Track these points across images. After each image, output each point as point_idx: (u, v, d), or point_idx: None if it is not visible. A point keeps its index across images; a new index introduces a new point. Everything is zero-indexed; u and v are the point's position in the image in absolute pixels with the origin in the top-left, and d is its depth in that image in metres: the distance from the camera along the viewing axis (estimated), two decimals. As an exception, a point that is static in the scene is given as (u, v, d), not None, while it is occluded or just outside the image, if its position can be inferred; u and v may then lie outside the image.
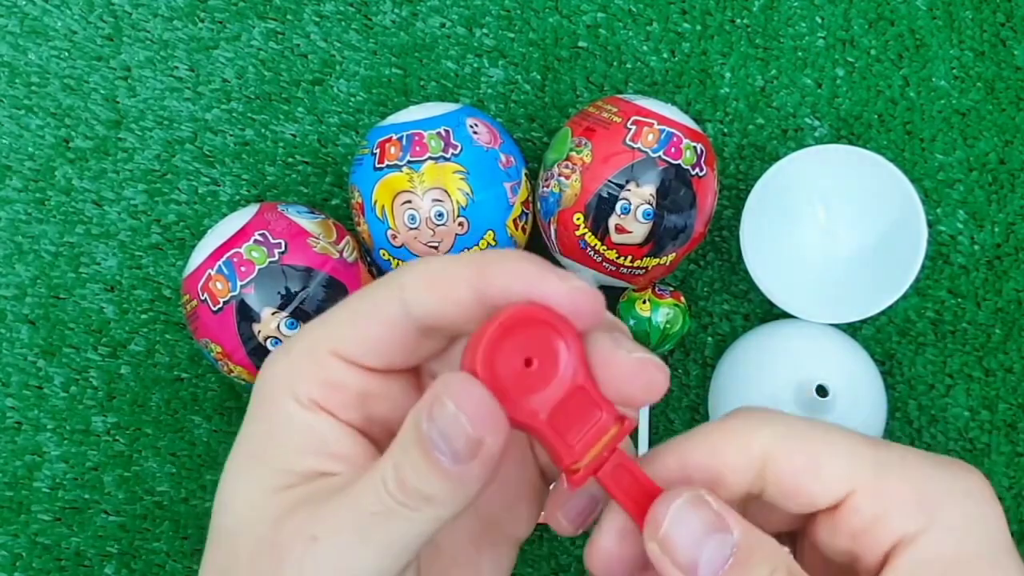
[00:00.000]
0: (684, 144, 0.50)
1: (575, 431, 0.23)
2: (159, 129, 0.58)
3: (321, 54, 0.58)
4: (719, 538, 0.22)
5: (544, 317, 0.22)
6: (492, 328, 0.22)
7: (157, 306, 0.57)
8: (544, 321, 0.22)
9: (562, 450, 0.23)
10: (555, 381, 0.23)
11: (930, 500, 0.23)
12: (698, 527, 0.22)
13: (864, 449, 0.23)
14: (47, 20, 0.58)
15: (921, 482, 0.23)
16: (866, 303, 0.52)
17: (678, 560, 0.22)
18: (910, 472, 0.23)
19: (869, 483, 0.23)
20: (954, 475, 0.23)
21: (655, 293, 0.54)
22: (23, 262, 0.57)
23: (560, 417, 0.23)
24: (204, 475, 0.56)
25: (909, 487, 0.23)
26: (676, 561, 0.22)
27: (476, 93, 0.58)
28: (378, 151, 0.50)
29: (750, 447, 0.23)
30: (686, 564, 0.22)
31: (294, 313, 0.48)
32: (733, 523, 0.22)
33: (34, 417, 0.56)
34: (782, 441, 0.23)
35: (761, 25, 0.59)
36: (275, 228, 0.49)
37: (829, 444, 0.23)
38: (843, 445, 0.23)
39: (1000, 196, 0.58)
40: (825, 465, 0.23)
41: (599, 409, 0.23)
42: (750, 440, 0.24)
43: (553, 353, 0.23)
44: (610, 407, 0.23)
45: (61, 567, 0.55)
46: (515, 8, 0.58)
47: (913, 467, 0.23)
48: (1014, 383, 0.57)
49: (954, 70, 0.58)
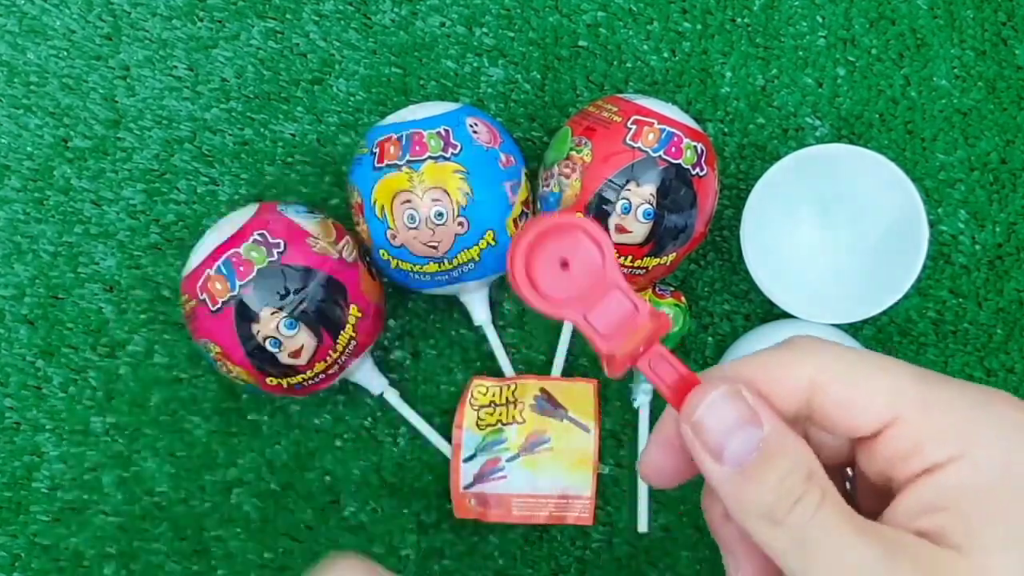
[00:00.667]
0: (685, 144, 0.50)
1: (612, 326, 0.26)
2: (158, 128, 0.57)
3: (320, 53, 0.58)
4: (749, 430, 0.24)
5: (577, 223, 0.25)
6: (528, 235, 0.25)
7: (156, 306, 0.57)
8: (577, 226, 0.25)
9: (599, 341, 0.25)
10: (591, 281, 0.25)
11: (966, 432, 0.23)
12: (730, 416, 0.24)
13: (908, 381, 0.24)
14: (46, 19, 0.58)
15: (960, 414, 0.24)
16: (867, 303, 0.52)
17: (707, 443, 0.24)
18: (951, 404, 0.24)
19: (908, 414, 0.24)
20: (996, 409, 0.24)
21: (655, 293, 0.54)
22: (22, 262, 0.57)
23: (598, 314, 0.25)
24: (203, 475, 0.56)
25: (947, 419, 0.23)
26: (705, 444, 0.24)
27: (476, 92, 0.58)
28: (377, 151, 0.50)
29: (799, 375, 0.25)
30: (714, 448, 0.24)
31: (293, 313, 0.48)
32: (766, 419, 0.24)
33: (33, 417, 0.56)
34: (829, 371, 0.24)
35: (762, 24, 0.58)
36: (274, 228, 0.49)
37: (873, 375, 0.24)
38: (888, 377, 0.24)
39: (1001, 196, 0.58)
40: (867, 396, 0.24)
41: (634, 307, 0.26)
42: (799, 368, 0.25)
43: (588, 256, 0.25)
44: (644, 304, 0.26)
45: (60, 568, 0.55)
46: (515, 7, 0.58)
47: (955, 399, 0.24)
48: (1015, 383, 0.57)
49: (955, 69, 0.58)
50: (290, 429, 0.56)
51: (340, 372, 0.51)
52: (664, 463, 0.27)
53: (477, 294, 0.54)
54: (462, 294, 0.54)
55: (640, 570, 0.56)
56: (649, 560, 0.56)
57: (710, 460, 0.24)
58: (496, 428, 0.54)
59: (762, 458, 0.24)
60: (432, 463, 0.57)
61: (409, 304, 0.58)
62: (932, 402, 0.24)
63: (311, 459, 0.56)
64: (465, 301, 0.54)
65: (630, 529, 0.56)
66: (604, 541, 0.56)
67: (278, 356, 0.48)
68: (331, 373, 0.50)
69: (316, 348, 0.49)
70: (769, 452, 0.24)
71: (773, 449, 0.24)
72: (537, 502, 0.54)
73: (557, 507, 0.54)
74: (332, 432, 0.57)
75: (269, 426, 0.56)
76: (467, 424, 0.55)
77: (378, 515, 0.56)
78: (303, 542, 0.56)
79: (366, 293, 0.51)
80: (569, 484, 0.54)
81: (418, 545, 0.56)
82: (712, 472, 0.24)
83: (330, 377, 0.51)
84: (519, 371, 0.57)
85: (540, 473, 0.54)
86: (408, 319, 0.58)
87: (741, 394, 0.24)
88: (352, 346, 0.50)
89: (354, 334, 0.50)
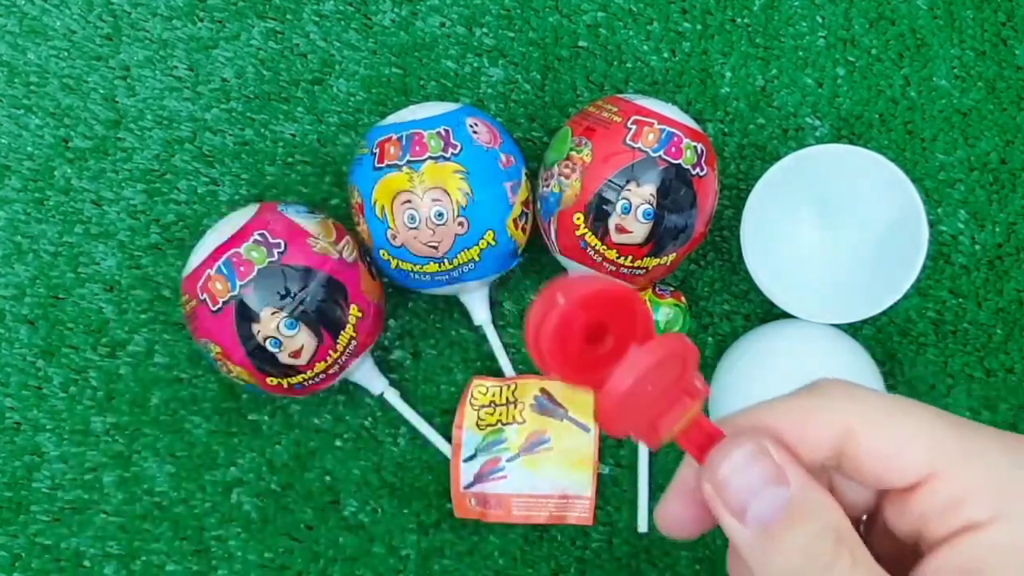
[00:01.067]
0: (684, 144, 0.50)
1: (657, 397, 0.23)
2: (158, 129, 0.57)
3: (320, 54, 0.58)
4: (775, 490, 0.22)
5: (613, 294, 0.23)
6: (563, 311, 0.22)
7: (156, 306, 0.57)
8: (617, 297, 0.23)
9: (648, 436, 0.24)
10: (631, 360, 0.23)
11: (1004, 490, 0.22)
12: (755, 476, 0.23)
13: (946, 433, 0.23)
14: (46, 20, 0.58)
15: (1002, 471, 0.23)
16: (867, 303, 0.52)
17: (730, 503, 0.23)
18: (988, 460, 0.23)
19: (947, 469, 0.23)
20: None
21: (655, 293, 0.54)
22: (22, 262, 0.57)
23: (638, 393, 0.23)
24: (203, 475, 0.56)
25: (989, 475, 0.23)
26: (728, 503, 0.23)
27: (476, 93, 0.58)
28: (378, 151, 0.50)
29: (829, 424, 0.23)
30: (737, 508, 0.23)
31: (293, 313, 0.48)
32: (793, 477, 0.23)
33: (33, 417, 0.56)
34: (864, 421, 0.23)
35: (762, 24, 0.58)
36: (274, 228, 0.49)
37: (912, 427, 0.23)
38: (926, 428, 0.23)
39: (1001, 196, 0.58)
40: (905, 449, 0.23)
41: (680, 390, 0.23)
42: (830, 416, 0.23)
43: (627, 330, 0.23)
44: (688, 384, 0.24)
45: (60, 568, 0.55)
46: (515, 7, 0.58)
47: (995, 453, 0.23)
48: (1015, 383, 0.57)
49: (955, 70, 0.58)
50: (290, 429, 0.56)
51: (340, 372, 0.51)
52: (684, 515, 0.25)
53: (477, 294, 0.54)
54: (462, 294, 0.54)
55: (640, 570, 0.56)
56: (649, 560, 0.56)
57: (733, 521, 0.23)
58: (496, 428, 0.54)
59: (789, 519, 0.22)
60: (432, 463, 0.57)
61: (409, 304, 0.58)
62: (972, 455, 0.23)
63: (311, 459, 0.56)
64: (465, 301, 0.54)
65: (630, 529, 0.56)
66: (604, 541, 0.56)
67: (278, 356, 0.48)
68: (331, 373, 0.50)
69: (316, 348, 0.49)
70: (796, 513, 0.22)
71: (800, 510, 0.22)
72: (537, 502, 0.54)
73: (557, 507, 0.54)
74: (332, 432, 0.57)
75: (269, 426, 0.56)
76: (467, 424, 0.55)
77: (378, 515, 0.56)
78: (303, 542, 0.56)
79: (366, 293, 0.51)
80: (569, 484, 0.54)
81: (418, 545, 0.56)
82: (735, 533, 0.23)
83: (330, 377, 0.51)
84: (519, 371, 0.57)
85: (540, 473, 0.54)
86: (408, 319, 0.58)
87: (767, 451, 0.23)
88: (352, 346, 0.50)
89: (354, 334, 0.50)
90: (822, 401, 0.24)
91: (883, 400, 0.24)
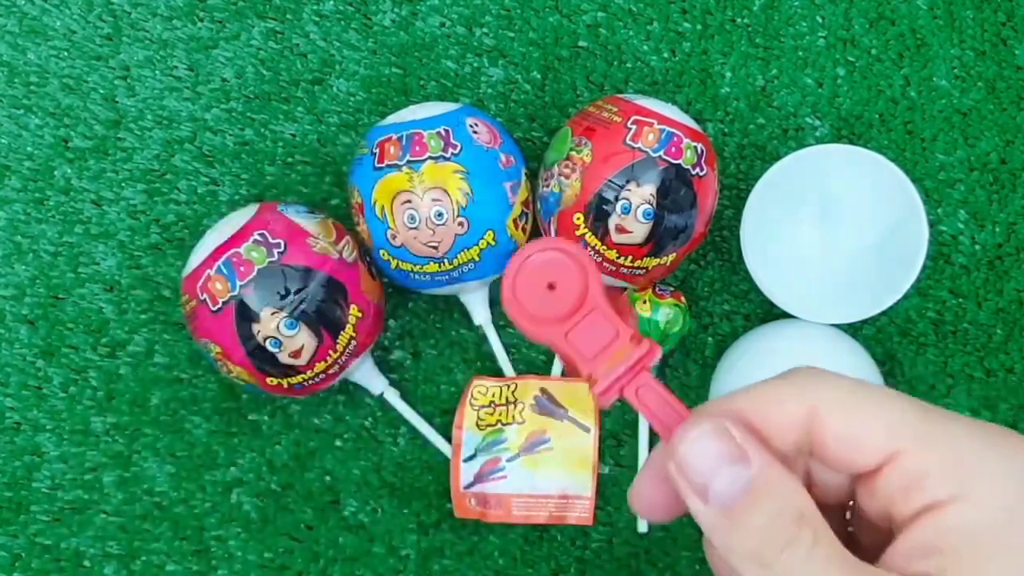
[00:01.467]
0: (684, 144, 0.50)
1: (595, 350, 0.26)
2: (158, 129, 0.57)
3: (320, 54, 0.58)
4: (736, 468, 0.23)
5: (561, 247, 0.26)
6: (520, 261, 0.26)
7: (156, 306, 0.57)
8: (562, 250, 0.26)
9: (580, 362, 0.26)
10: (574, 303, 0.26)
11: (969, 469, 0.22)
12: (715, 454, 0.23)
13: (909, 416, 0.23)
14: (46, 20, 0.58)
15: (965, 450, 0.23)
16: (867, 303, 0.52)
17: (692, 482, 0.23)
18: (951, 441, 0.23)
19: (908, 451, 0.23)
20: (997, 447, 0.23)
21: (655, 293, 0.54)
22: (22, 262, 0.57)
23: (581, 337, 0.26)
24: (203, 476, 0.56)
25: (948, 456, 0.23)
26: (690, 482, 0.23)
27: (476, 93, 0.58)
28: (378, 151, 0.50)
29: (796, 407, 0.24)
30: (699, 487, 0.23)
31: (293, 313, 0.48)
32: (754, 456, 0.23)
33: (33, 417, 0.56)
34: (829, 404, 0.23)
35: (762, 24, 0.58)
36: (274, 228, 0.49)
37: (873, 407, 0.23)
38: (888, 409, 0.23)
39: (1001, 196, 0.58)
40: (867, 428, 0.23)
41: (615, 330, 0.26)
42: (797, 399, 0.24)
43: (573, 279, 0.26)
44: (625, 328, 0.26)
45: (60, 568, 0.55)
46: (515, 7, 0.58)
47: (955, 436, 0.23)
48: (1015, 383, 0.57)
49: (955, 70, 0.58)
50: (290, 429, 0.56)
51: (340, 372, 0.51)
52: (655, 497, 0.26)
53: (477, 294, 0.54)
54: (462, 294, 0.54)
55: (640, 570, 0.56)
56: (649, 560, 0.56)
57: (696, 499, 0.23)
58: (496, 428, 0.54)
59: (749, 498, 0.22)
60: (432, 463, 0.57)
61: (409, 304, 0.58)
62: (935, 436, 0.23)
63: (311, 459, 0.56)
64: (465, 301, 0.54)
65: (630, 529, 0.56)
66: (604, 541, 0.56)
67: (278, 356, 0.48)
68: (331, 373, 0.50)
69: (316, 348, 0.49)
70: (757, 492, 0.22)
71: (761, 488, 0.22)
72: (537, 502, 0.54)
73: (557, 507, 0.54)
74: (332, 432, 0.57)
75: (269, 426, 0.56)
76: (467, 424, 0.55)
77: (378, 515, 0.56)
78: (303, 542, 0.56)
79: (366, 293, 0.51)
80: (569, 484, 0.54)
81: (418, 545, 0.56)
82: (698, 512, 0.23)
83: (330, 377, 0.51)
84: (519, 371, 0.57)
85: (540, 473, 0.54)
86: (408, 319, 0.58)
87: (727, 430, 0.23)
88: (352, 346, 0.50)
89: (354, 334, 0.50)
90: (789, 386, 0.24)
91: (847, 383, 0.24)
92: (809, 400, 0.24)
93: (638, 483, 0.26)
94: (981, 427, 0.23)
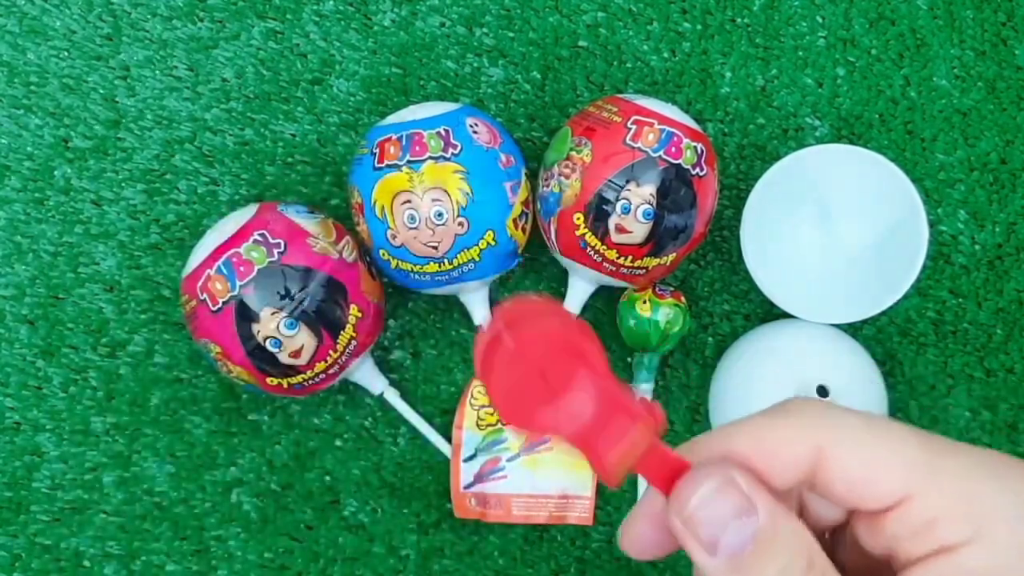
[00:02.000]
0: (684, 144, 0.50)
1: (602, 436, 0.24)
2: (158, 129, 0.57)
3: (320, 54, 0.58)
4: (743, 521, 0.22)
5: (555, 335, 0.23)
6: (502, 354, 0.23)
7: (156, 306, 0.57)
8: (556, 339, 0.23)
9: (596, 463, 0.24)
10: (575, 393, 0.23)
11: (979, 512, 0.22)
12: (724, 509, 0.22)
13: (919, 454, 0.23)
14: (46, 20, 0.58)
15: (973, 492, 0.23)
16: (867, 303, 0.52)
17: (700, 537, 0.22)
18: (963, 482, 0.23)
19: (921, 491, 0.22)
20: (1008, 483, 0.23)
21: (655, 293, 0.54)
22: (22, 262, 0.57)
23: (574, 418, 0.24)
24: (203, 476, 0.56)
25: (961, 498, 0.22)
26: (698, 538, 0.23)
27: (476, 93, 0.58)
28: (378, 151, 0.50)
29: (800, 447, 0.23)
30: (708, 542, 0.22)
31: (293, 313, 0.48)
32: (761, 506, 0.22)
33: (33, 417, 0.56)
34: (837, 444, 0.23)
35: (762, 24, 0.58)
36: (274, 228, 0.49)
37: (883, 454, 0.23)
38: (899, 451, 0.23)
39: (1001, 196, 0.58)
40: (878, 471, 0.23)
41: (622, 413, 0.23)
42: (801, 439, 0.23)
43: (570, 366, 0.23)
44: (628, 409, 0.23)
45: (60, 568, 0.55)
46: (515, 7, 0.58)
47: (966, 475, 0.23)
48: (1015, 383, 0.57)
49: (955, 70, 0.58)
50: (290, 429, 0.56)
51: (340, 372, 0.51)
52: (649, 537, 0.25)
53: (477, 294, 0.54)
54: (462, 294, 0.54)
55: (640, 570, 0.56)
56: (649, 560, 0.56)
57: (703, 553, 0.23)
58: (496, 428, 0.54)
59: (759, 550, 0.22)
60: (432, 463, 0.57)
61: (409, 304, 0.58)
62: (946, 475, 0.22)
63: (311, 459, 0.56)
64: (465, 301, 0.54)
65: (630, 529, 0.56)
66: (604, 541, 0.56)
67: (278, 356, 0.48)
68: (331, 373, 0.50)
69: (316, 348, 0.49)
70: (765, 543, 0.22)
71: (769, 539, 0.22)
72: (537, 502, 0.54)
73: (557, 507, 0.54)
74: (332, 432, 0.57)
75: (269, 426, 0.56)
76: (467, 424, 0.55)
77: (378, 515, 0.56)
78: (303, 542, 0.56)
79: (366, 293, 0.51)
80: (569, 484, 0.54)
81: (418, 545, 0.56)
82: (706, 565, 0.23)
83: (330, 377, 0.51)
84: (519, 371, 0.57)
85: (540, 473, 0.54)
86: (408, 319, 0.58)
87: (735, 483, 0.23)
88: (352, 346, 0.50)
89: (354, 334, 0.50)
90: (793, 423, 0.24)
91: (853, 421, 0.23)
92: (815, 440, 0.23)
93: (631, 527, 0.25)
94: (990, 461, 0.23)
